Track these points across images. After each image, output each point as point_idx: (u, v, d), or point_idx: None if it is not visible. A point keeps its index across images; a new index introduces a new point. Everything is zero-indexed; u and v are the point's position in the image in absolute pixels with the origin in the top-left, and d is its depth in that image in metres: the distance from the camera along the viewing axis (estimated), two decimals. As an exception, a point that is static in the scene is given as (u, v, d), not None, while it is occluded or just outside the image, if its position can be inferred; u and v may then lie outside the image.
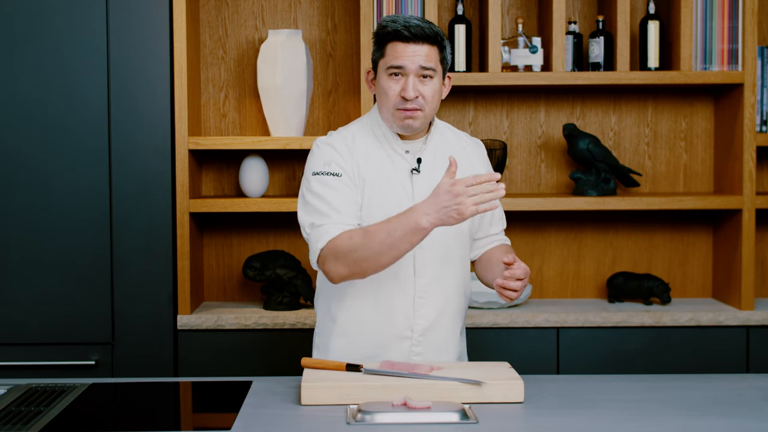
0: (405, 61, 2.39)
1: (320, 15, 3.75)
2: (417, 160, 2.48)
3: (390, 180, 2.46)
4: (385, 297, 2.47)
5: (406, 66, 2.39)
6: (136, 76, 3.36)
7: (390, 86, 2.41)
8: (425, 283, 2.47)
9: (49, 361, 3.34)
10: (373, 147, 2.50)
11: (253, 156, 3.61)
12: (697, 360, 3.44)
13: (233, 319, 3.41)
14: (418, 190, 2.46)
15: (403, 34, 2.38)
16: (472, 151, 2.60)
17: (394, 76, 2.41)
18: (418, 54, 2.38)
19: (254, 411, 2.17)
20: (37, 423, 2.07)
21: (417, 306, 2.47)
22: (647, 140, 3.80)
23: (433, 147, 2.51)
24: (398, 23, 2.39)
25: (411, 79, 2.39)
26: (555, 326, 3.44)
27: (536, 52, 3.55)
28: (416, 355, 2.49)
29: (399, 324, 2.48)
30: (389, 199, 2.45)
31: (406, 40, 2.38)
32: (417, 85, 2.40)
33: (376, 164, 2.48)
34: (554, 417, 2.12)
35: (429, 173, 2.48)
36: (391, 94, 2.41)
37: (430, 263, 2.47)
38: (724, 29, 3.52)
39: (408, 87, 2.39)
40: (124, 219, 3.37)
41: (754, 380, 2.45)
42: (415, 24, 2.39)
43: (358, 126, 2.55)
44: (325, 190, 2.41)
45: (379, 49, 2.44)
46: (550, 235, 3.79)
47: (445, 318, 2.51)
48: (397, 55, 2.39)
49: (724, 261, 3.69)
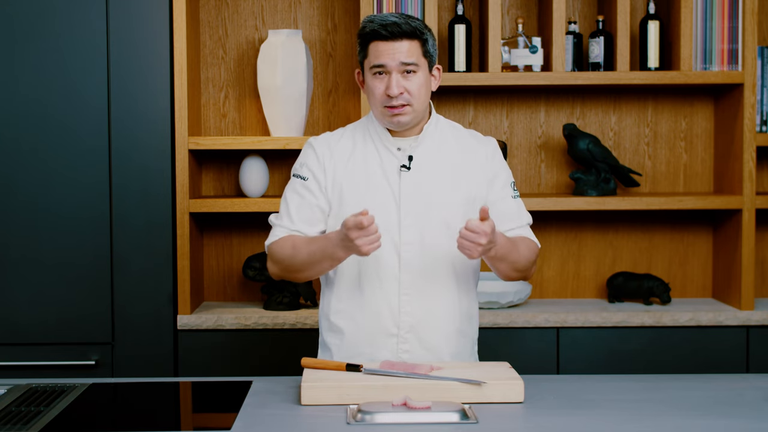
0: (386, 59, 2.42)
1: (320, 15, 3.75)
2: (408, 157, 2.48)
3: (376, 177, 2.48)
4: (372, 293, 2.48)
5: (387, 64, 2.42)
6: (136, 76, 3.36)
7: (375, 85, 2.45)
8: (410, 280, 2.47)
9: (49, 361, 3.34)
10: (362, 144, 2.53)
11: (253, 156, 3.61)
12: (697, 360, 3.44)
13: (233, 319, 3.41)
14: (405, 187, 2.47)
15: (380, 33, 2.41)
16: (474, 145, 2.56)
17: (378, 75, 2.44)
18: (398, 51, 2.41)
19: (254, 411, 2.17)
20: (37, 423, 2.07)
21: (402, 303, 2.47)
22: (647, 140, 3.80)
23: (427, 145, 2.51)
24: (375, 23, 2.43)
25: (394, 76, 2.42)
26: (555, 326, 3.44)
27: (536, 52, 3.55)
28: (404, 352, 2.49)
29: (385, 321, 2.48)
30: (375, 196, 2.47)
31: (384, 38, 2.41)
32: (401, 81, 2.42)
33: (363, 161, 2.50)
34: (554, 417, 2.12)
35: (420, 171, 2.48)
36: (377, 93, 2.45)
37: (415, 260, 2.47)
38: (724, 29, 3.52)
39: (392, 84, 2.41)
40: (124, 219, 3.37)
41: (754, 380, 2.45)
42: (391, 21, 2.41)
43: (354, 125, 2.60)
44: (291, 193, 2.54)
45: (362, 49, 2.48)
46: (550, 235, 3.79)
47: (435, 316, 2.50)
48: (378, 54, 2.42)
49: (724, 261, 3.69)
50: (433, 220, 2.47)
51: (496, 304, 3.49)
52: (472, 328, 2.61)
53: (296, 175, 2.55)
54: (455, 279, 2.53)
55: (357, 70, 2.54)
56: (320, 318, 2.60)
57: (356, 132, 2.57)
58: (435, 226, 2.47)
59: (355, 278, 2.50)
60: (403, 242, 2.46)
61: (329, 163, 2.52)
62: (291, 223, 2.52)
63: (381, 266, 2.47)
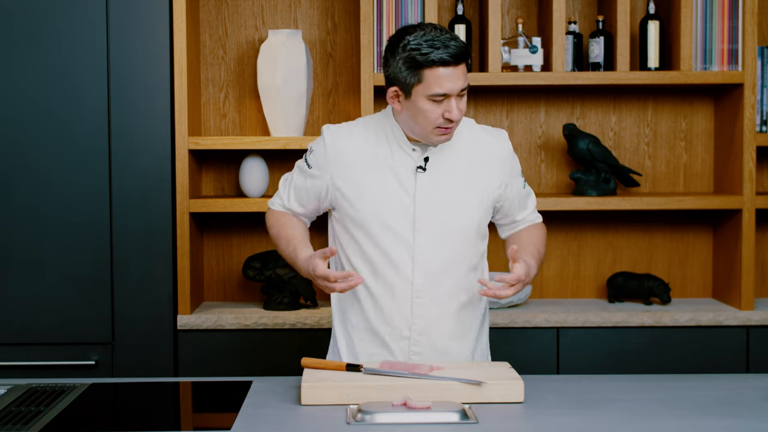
0: (449, 87, 2.32)
1: (320, 15, 3.75)
2: (424, 159, 2.46)
3: (388, 178, 2.45)
4: (384, 296, 2.47)
5: (451, 92, 2.33)
6: (136, 76, 3.36)
7: (431, 109, 2.35)
8: (423, 284, 2.46)
9: (49, 361, 3.34)
10: (375, 141, 2.47)
11: (253, 156, 3.61)
12: (697, 360, 3.44)
13: (233, 319, 3.41)
14: (421, 188, 2.44)
15: (448, 61, 2.31)
16: (491, 144, 2.53)
17: (436, 101, 2.34)
18: (460, 77, 2.33)
19: (254, 411, 2.17)
20: (37, 423, 2.07)
21: (414, 306, 2.46)
22: (647, 140, 3.80)
23: (442, 145, 2.47)
24: (438, 48, 2.30)
25: (454, 100, 2.34)
26: (555, 326, 3.44)
27: (536, 52, 3.55)
28: (416, 354, 2.48)
29: (397, 323, 2.48)
30: (389, 197, 2.44)
31: (448, 64, 2.31)
32: (460, 104, 2.36)
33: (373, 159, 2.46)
34: (554, 417, 2.12)
35: (435, 172, 2.46)
36: (432, 117, 2.35)
37: (428, 263, 2.45)
38: (724, 29, 3.52)
39: (453, 109, 2.34)
40: (124, 219, 3.37)
41: (754, 380, 2.45)
42: (454, 46, 2.31)
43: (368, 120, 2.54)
44: (298, 172, 2.58)
45: (414, 74, 2.32)
46: (550, 235, 3.79)
47: (447, 319, 2.50)
48: (442, 83, 2.31)
49: (724, 261, 3.69)
50: (447, 223, 2.45)
51: (496, 304, 3.49)
52: (484, 330, 2.62)
53: (305, 157, 2.55)
54: (468, 281, 2.51)
55: (394, 88, 2.38)
56: (333, 310, 2.60)
57: (369, 128, 2.50)
58: (450, 229, 2.46)
59: (368, 279, 2.47)
60: (417, 245, 2.44)
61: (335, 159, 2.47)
62: (288, 200, 2.60)
63: (394, 269, 2.45)
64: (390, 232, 2.44)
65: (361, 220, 2.45)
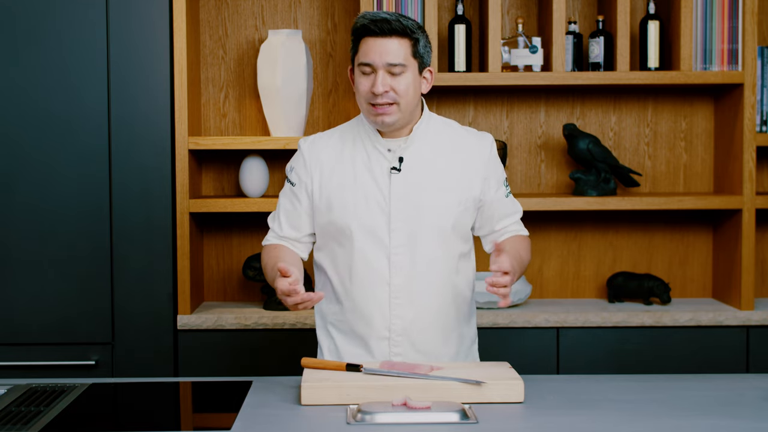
0: (373, 57, 2.38)
1: (320, 15, 3.75)
2: (399, 159, 2.46)
3: (364, 179, 2.46)
4: (363, 297, 2.48)
5: (374, 62, 2.38)
6: (136, 76, 3.36)
7: (361, 82, 2.41)
8: (400, 284, 2.46)
9: (49, 361, 3.34)
10: (352, 145, 2.50)
11: (253, 156, 3.61)
12: (697, 360, 3.44)
13: (233, 319, 3.41)
14: (395, 189, 2.44)
15: (370, 29, 2.38)
16: (473, 145, 2.53)
17: (365, 72, 2.40)
18: (386, 49, 2.37)
19: (254, 411, 2.17)
20: (37, 423, 2.07)
21: (393, 306, 2.46)
22: (647, 140, 3.80)
23: (418, 145, 2.48)
24: (367, 18, 2.39)
25: (380, 74, 2.38)
26: (555, 326, 3.44)
27: (536, 52, 3.55)
28: (396, 355, 2.48)
29: (376, 324, 2.48)
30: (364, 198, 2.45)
31: (374, 34, 2.38)
32: (387, 79, 2.38)
33: (351, 163, 2.47)
34: (554, 417, 2.12)
35: (410, 173, 2.46)
36: (362, 89, 2.41)
37: (404, 264, 2.45)
38: (724, 29, 3.52)
39: (377, 82, 2.37)
40: (124, 219, 3.37)
41: (754, 380, 2.45)
42: (382, 18, 2.37)
43: (345, 126, 2.57)
44: (283, 198, 2.58)
45: (354, 45, 2.43)
46: (550, 235, 3.79)
47: (427, 319, 2.49)
48: (367, 50, 2.39)
49: (724, 261, 3.69)
50: (423, 223, 2.45)
51: (496, 304, 3.49)
52: (469, 329, 2.60)
53: (287, 179, 2.57)
54: (448, 281, 2.51)
55: (350, 66, 2.49)
56: (316, 315, 2.62)
57: (346, 133, 2.54)
58: (425, 229, 2.45)
59: (346, 281, 2.49)
60: (392, 246, 2.45)
61: (316, 167, 2.50)
62: (280, 230, 2.57)
63: (371, 270, 2.46)
64: (367, 233, 2.45)
65: (339, 222, 2.46)
